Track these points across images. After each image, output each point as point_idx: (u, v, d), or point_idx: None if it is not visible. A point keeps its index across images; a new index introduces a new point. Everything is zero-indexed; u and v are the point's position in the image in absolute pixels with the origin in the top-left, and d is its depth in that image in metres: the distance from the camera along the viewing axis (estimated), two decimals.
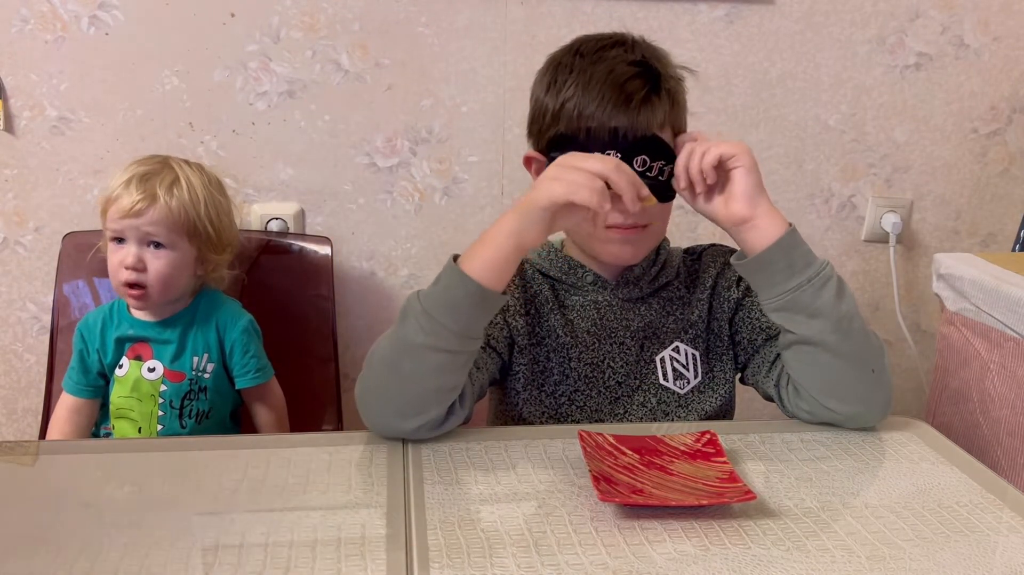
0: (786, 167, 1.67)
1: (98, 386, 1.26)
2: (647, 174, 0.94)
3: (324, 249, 1.50)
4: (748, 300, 1.06)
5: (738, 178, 0.92)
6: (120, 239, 1.19)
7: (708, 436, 0.87)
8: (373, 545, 0.70)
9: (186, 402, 1.23)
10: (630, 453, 0.85)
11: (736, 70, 1.60)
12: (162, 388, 1.22)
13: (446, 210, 1.62)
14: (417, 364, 0.85)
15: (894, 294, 1.73)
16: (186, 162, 1.25)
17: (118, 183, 1.19)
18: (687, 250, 1.14)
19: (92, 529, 0.72)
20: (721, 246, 1.13)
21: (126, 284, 1.19)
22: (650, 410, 1.05)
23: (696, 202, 0.95)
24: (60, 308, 1.44)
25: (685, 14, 1.56)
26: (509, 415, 1.06)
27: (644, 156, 0.94)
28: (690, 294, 1.09)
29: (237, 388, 1.27)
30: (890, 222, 1.69)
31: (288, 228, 1.57)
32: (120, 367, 1.23)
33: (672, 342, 1.07)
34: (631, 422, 1.04)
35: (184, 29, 1.48)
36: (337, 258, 1.55)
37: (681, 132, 1.01)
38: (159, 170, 1.21)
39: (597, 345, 1.05)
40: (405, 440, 0.89)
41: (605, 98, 0.95)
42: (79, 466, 0.83)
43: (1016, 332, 1.17)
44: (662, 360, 1.06)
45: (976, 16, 1.61)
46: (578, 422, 1.04)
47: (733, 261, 0.96)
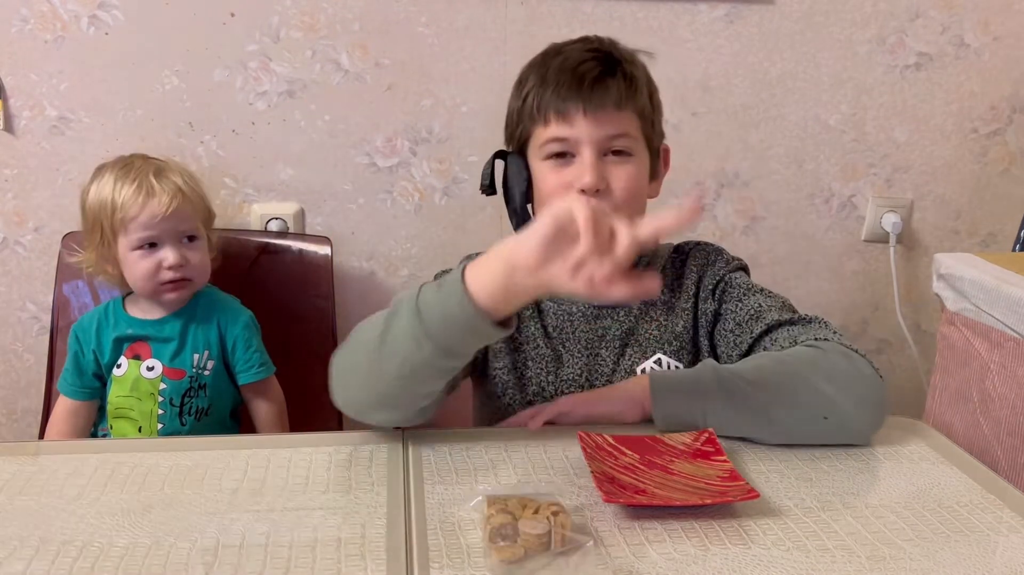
0: (786, 167, 1.67)
1: (94, 388, 1.26)
2: None
3: (324, 249, 1.50)
4: (725, 309, 1.03)
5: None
6: (151, 244, 1.18)
7: (706, 435, 0.87)
8: (373, 545, 0.70)
9: (186, 399, 1.23)
10: (630, 453, 0.85)
11: (736, 70, 1.60)
12: (161, 387, 1.22)
13: (446, 210, 1.62)
14: (395, 363, 0.79)
15: (894, 294, 1.73)
16: (150, 156, 1.25)
17: (129, 191, 1.17)
18: (676, 247, 1.11)
19: (92, 529, 0.72)
20: (707, 246, 1.10)
21: (167, 283, 1.19)
22: None
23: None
24: (60, 308, 1.44)
25: (685, 14, 1.56)
26: (494, 417, 1.06)
27: None
28: (674, 298, 1.06)
29: (240, 384, 1.27)
30: (890, 222, 1.69)
31: (288, 228, 1.57)
32: (118, 367, 1.23)
33: (654, 352, 1.04)
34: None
35: (184, 29, 1.48)
36: (337, 258, 1.55)
37: (649, 122, 1.01)
38: (156, 167, 1.21)
39: (576, 353, 1.05)
40: (405, 440, 0.89)
41: (560, 83, 0.96)
42: (79, 466, 0.83)
43: (1016, 332, 1.17)
44: (643, 371, 1.04)
45: (976, 16, 1.61)
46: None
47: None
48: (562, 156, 0.98)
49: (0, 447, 0.87)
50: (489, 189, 1.06)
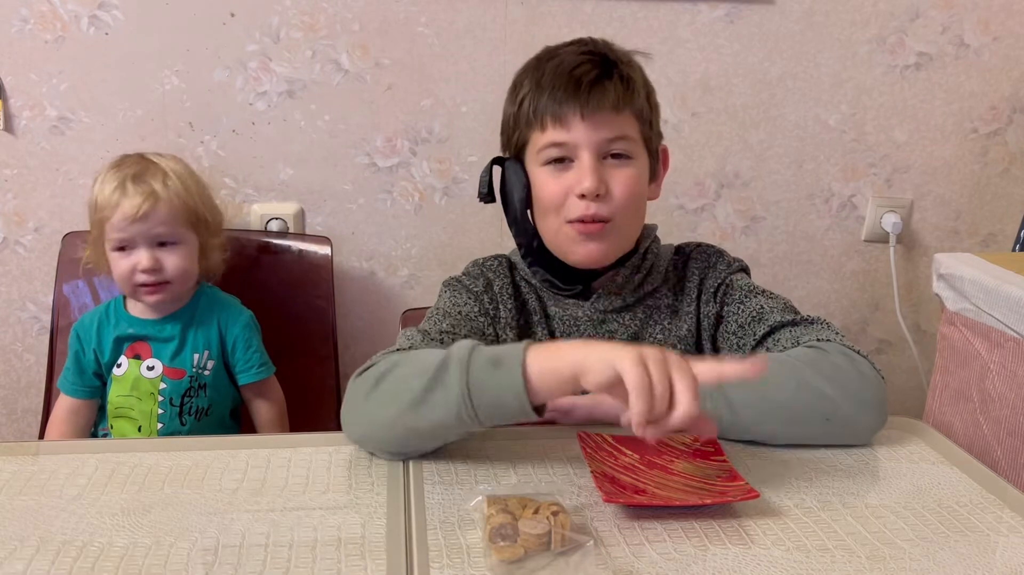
0: (786, 167, 1.67)
1: (94, 387, 1.26)
2: None
3: (324, 249, 1.50)
4: (727, 311, 1.03)
5: None
6: (123, 247, 1.18)
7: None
8: (373, 545, 0.70)
9: (186, 399, 1.23)
10: (630, 453, 0.85)
11: (736, 70, 1.60)
12: (161, 386, 1.22)
13: (446, 210, 1.62)
14: (426, 424, 0.80)
15: (894, 294, 1.73)
16: (158, 154, 1.25)
17: (109, 191, 1.17)
18: (677, 249, 1.10)
19: (92, 529, 0.72)
20: (707, 248, 1.09)
21: (142, 286, 1.18)
22: None
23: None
24: (60, 308, 1.44)
25: (685, 14, 1.56)
26: None
27: None
28: (677, 301, 1.05)
29: (240, 384, 1.27)
30: (890, 222, 1.69)
31: (288, 228, 1.57)
32: (119, 366, 1.23)
33: None
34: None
35: (184, 29, 1.48)
36: (337, 258, 1.55)
37: (647, 123, 1.00)
38: (145, 168, 1.20)
39: None
40: None
41: (556, 87, 0.95)
42: (79, 466, 0.83)
43: (1016, 332, 1.17)
44: None
45: (976, 16, 1.61)
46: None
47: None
48: (560, 161, 0.97)
49: (0, 447, 0.87)
50: (488, 196, 1.05)
